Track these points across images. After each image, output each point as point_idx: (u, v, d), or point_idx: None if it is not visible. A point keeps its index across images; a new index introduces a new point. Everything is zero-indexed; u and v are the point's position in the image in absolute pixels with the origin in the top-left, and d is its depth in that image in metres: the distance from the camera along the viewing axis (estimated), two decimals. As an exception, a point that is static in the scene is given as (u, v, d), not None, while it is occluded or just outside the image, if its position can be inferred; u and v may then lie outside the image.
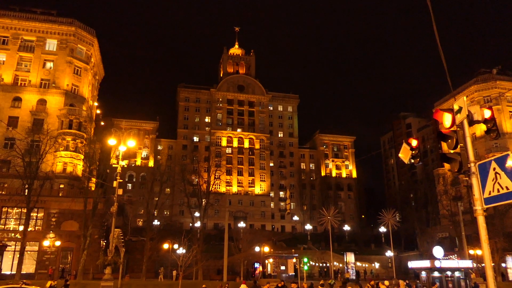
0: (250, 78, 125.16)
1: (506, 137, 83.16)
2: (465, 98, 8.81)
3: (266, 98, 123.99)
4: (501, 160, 8.01)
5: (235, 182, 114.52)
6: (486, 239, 8.12)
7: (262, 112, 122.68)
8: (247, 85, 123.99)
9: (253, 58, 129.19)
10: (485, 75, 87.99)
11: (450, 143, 8.89)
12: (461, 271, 41.93)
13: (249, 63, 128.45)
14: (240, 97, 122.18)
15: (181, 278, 38.33)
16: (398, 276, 59.50)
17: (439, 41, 9.97)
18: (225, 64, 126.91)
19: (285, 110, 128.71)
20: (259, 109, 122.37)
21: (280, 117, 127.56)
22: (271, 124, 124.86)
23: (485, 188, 8.19)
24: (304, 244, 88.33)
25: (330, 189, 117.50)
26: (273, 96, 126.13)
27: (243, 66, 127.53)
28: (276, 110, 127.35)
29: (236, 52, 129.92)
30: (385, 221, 68.59)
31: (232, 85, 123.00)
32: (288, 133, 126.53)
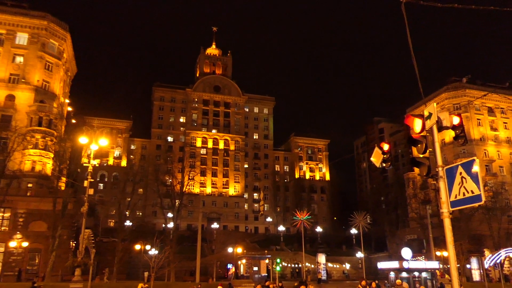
0: (226, 79, 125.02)
1: (473, 143, 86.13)
2: (435, 105, 9.14)
3: (242, 100, 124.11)
4: (467, 165, 8.37)
5: (209, 183, 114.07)
6: (451, 240, 8.45)
7: (238, 113, 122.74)
8: (223, 86, 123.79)
9: (230, 59, 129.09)
10: (456, 83, 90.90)
11: (419, 148, 9.21)
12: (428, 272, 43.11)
13: (226, 63, 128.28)
14: (216, 98, 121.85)
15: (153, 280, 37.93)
16: (367, 276, 60.59)
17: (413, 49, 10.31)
18: (201, 64, 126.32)
19: (261, 112, 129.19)
20: (235, 110, 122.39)
21: (255, 118, 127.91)
22: (247, 125, 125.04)
23: (452, 192, 8.54)
24: (277, 245, 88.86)
25: (304, 191, 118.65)
26: (249, 97, 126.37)
27: (219, 66, 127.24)
28: (252, 112, 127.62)
29: (213, 52, 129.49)
30: (357, 223, 69.86)
31: (208, 85, 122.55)
32: (264, 135, 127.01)
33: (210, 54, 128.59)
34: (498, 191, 72.99)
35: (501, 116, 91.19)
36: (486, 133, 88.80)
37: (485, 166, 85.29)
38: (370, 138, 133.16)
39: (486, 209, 65.37)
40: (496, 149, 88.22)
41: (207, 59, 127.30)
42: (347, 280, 68.16)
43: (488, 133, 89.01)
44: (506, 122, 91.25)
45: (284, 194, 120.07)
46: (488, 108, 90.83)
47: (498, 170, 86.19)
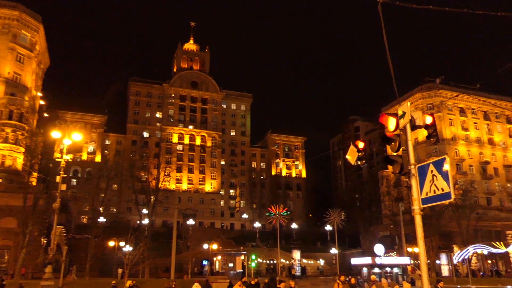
0: (204, 74, 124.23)
1: (445, 143, 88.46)
2: (409, 104, 9.36)
3: (219, 96, 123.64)
4: (438, 163, 8.63)
5: (185, 179, 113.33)
6: (422, 236, 8.70)
7: (215, 109, 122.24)
8: (200, 82, 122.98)
9: (208, 54, 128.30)
10: (429, 84, 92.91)
11: (393, 146, 9.42)
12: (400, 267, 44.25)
13: (203, 59, 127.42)
14: (193, 94, 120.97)
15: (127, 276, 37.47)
16: (341, 272, 61.55)
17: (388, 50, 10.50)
18: (179, 59, 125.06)
19: (239, 108, 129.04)
20: (212, 107, 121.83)
21: (233, 115, 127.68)
22: (224, 122, 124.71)
23: (423, 189, 8.79)
24: (253, 242, 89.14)
25: (280, 188, 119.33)
26: (227, 94, 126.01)
27: (197, 62, 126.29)
28: (229, 108, 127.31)
29: (190, 47, 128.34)
30: (331, 220, 70.84)
31: (186, 81, 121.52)
32: (241, 132, 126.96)
33: (187, 49, 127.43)
34: (467, 189, 75.22)
35: (472, 117, 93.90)
36: (457, 133, 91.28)
37: (456, 165, 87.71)
38: (346, 136, 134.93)
39: (456, 206, 67.31)
40: (467, 148, 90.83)
41: (185, 54, 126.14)
42: (321, 276, 68.98)
43: (459, 133, 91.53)
44: (476, 122, 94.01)
45: (261, 191, 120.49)
46: (460, 109, 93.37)
47: (468, 169, 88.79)
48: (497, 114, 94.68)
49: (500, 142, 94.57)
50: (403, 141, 9.26)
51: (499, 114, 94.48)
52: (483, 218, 75.55)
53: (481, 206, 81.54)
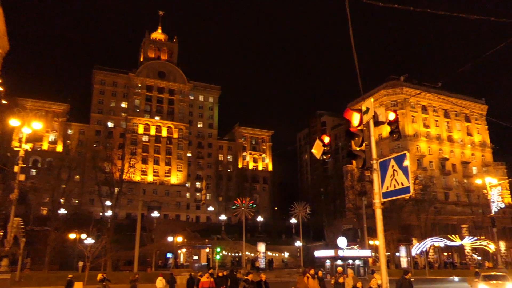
0: (171, 65, 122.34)
1: (407, 139, 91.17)
2: (373, 100, 9.55)
3: (187, 87, 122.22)
4: (399, 159, 8.87)
5: (150, 171, 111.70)
6: (381, 229, 8.93)
7: (182, 101, 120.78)
8: (168, 72, 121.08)
9: (176, 45, 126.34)
10: (394, 81, 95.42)
11: (357, 141, 9.60)
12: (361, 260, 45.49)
13: (171, 49, 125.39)
14: (160, 84, 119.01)
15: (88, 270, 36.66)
16: (305, 264, 62.63)
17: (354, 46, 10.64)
18: (146, 48, 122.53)
19: (206, 100, 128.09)
20: (179, 98, 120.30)
21: (200, 107, 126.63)
22: (191, 113, 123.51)
23: (384, 184, 9.02)
24: (218, 235, 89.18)
25: (246, 181, 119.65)
26: (195, 85, 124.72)
27: (165, 52, 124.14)
28: (197, 100, 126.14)
29: (158, 37, 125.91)
30: (296, 213, 71.82)
31: (153, 71, 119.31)
32: (208, 124, 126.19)
33: (155, 39, 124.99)
34: (427, 184, 78.07)
35: (433, 114, 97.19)
36: (419, 130, 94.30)
37: (417, 161, 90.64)
38: (312, 130, 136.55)
39: (416, 201, 69.72)
40: (427, 145, 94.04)
41: (152, 43, 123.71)
42: (286, 268, 69.89)
43: (421, 129, 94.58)
44: (437, 120, 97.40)
45: (227, 184, 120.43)
46: (422, 106, 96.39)
47: (428, 164, 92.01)
48: (456, 113, 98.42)
49: (459, 139, 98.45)
50: (366, 136, 9.45)
51: (459, 112, 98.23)
52: (441, 212, 78.71)
53: (439, 201, 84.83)
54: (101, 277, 30.53)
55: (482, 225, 70.37)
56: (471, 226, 75.37)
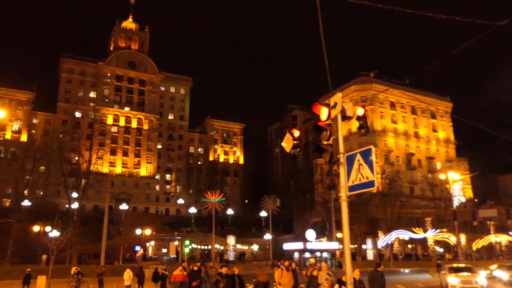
0: (142, 55, 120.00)
1: (376, 134, 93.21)
2: (341, 95, 9.71)
3: (158, 78, 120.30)
4: (365, 153, 9.08)
5: (119, 162, 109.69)
6: (347, 222, 9.13)
7: (153, 92, 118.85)
8: (139, 62, 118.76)
9: (147, 34, 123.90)
10: (364, 77, 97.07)
11: (324, 135, 9.75)
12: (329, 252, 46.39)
13: (143, 39, 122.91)
14: (131, 74, 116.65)
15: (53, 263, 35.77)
16: (274, 257, 63.31)
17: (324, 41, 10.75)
18: (116, 37, 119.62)
19: (178, 92, 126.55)
20: (150, 89, 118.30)
21: (171, 98, 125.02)
22: (162, 105, 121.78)
23: (350, 177, 9.21)
24: (188, 227, 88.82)
25: (217, 174, 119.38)
26: (166, 76, 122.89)
27: (136, 41, 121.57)
28: (168, 91, 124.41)
29: (129, 26, 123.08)
30: (266, 206, 72.36)
31: (123, 60, 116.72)
32: (179, 116, 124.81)
33: (126, 28, 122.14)
34: (393, 178, 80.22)
35: (401, 111, 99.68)
36: (387, 125, 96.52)
37: (385, 155, 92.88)
38: (284, 124, 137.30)
39: (383, 195, 71.62)
40: (395, 140, 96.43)
41: (123, 32, 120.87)
42: (255, 261, 70.44)
43: (389, 125, 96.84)
44: (404, 116, 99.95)
45: (198, 176, 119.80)
46: (391, 103, 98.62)
47: (395, 159, 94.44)
48: (423, 109, 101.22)
49: (424, 135, 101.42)
50: (334, 130, 9.61)
51: (425, 109, 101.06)
52: (406, 206, 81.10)
53: (404, 195, 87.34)
54: (75, 271, 29.87)
55: (445, 218, 72.96)
56: (434, 219, 78.05)
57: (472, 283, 24.64)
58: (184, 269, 22.04)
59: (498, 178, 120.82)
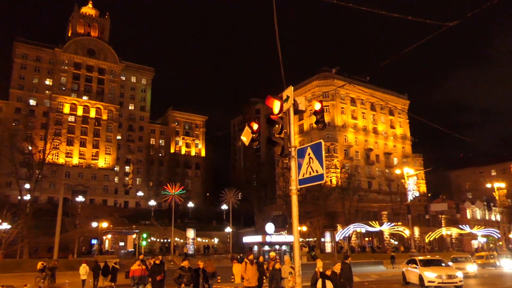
0: (102, 43, 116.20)
1: (336, 129, 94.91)
2: (292, 88, 9.67)
3: (119, 67, 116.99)
4: (315, 147, 9.11)
5: (76, 153, 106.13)
6: (296, 215, 9.15)
7: (113, 81, 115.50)
8: (98, 50, 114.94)
9: (108, 21, 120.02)
10: (326, 73, 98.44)
11: (277, 128, 9.71)
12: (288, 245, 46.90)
13: (103, 26, 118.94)
14: (90, 62, 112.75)
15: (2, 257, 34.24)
16: (234, 250, 63.45)
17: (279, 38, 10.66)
18: (75, 23, 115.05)
19: (139, 82, 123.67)
20: (110, 78, 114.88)
21: (132, 88, 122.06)
22: (122, 95, 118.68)
23: (301, 171, 9.22)
24: (147, 220, 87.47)
25: (178, 166, 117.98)
26: (127, 65, 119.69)
27: (96, 28, 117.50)
28: (129, 81, 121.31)
29: (89, 12, 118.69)
30: (227, 199, 72.28)
31: (82, 47, 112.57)
32: (140, 106, 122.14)
33: (85, 14, 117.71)
34: (352, 173, 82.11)
35: (361, 107, 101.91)
36: (347, 121, 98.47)
37: (344, 150, 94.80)
38: (246, 118, 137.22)
39: (342, 189, 73.16)
40: (355, 136, 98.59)
41: (82, 18, 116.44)
42: (215, 254, 70.34)
43: (349, 121, 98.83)
44: (364, 112, 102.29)
45: (158, 169, 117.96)
46: (351, 99, 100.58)
47: (354, 154, 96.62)
48: (382, 106, 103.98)
49: (383, 131, 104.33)
50: (286, 124, 9.58)
51: (384, 106, 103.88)
52: (364, 199, 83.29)
53: (363, 189, 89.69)
54: (41, 266, 28.47)
55: (400, 212, 75.48)
56: (390, 213, 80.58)
57: (454, 277, 21.43)
58: (143, 263, 20.93)
59: (450, 173, 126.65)
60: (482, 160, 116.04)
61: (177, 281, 13.84)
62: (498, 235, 77.12)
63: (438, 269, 22.25)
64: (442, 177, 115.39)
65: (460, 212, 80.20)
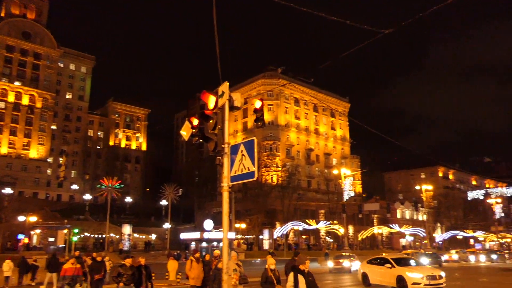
0: (39, 26, 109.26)
1: (279, 128, 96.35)
2: (228, 84, 9.64)
3: (56, 53, 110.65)
4: (248, 144, 9.14)
5: (5, 142, 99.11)
6: (227, 212, 9.14)
7: (49, 67, 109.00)
8: (34, 34, 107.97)
9: (47, 4, 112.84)
10: (272, 72, 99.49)
11: (211, 124, 9.62)
12: (227, 242, 46.94)
13: (41, 8, 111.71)
14: (24, 46, 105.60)
15: None
16: (172, 247, 62.54)
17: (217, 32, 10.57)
18: (8, 3, 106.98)
19: (78, 70, 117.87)
20: (46, 64, 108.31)
21: (71, 76, 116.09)
22: (59, 82, 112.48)
23: (233, 168, 9.22)
24: (82, 215, 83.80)
25: (117, 160, 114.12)
26: (66, 52, 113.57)
27: (33, 10, 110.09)
28: (67, 69, 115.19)
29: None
30: (167, 195, 71.04)
31: (15, 29, 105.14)
32: (78, 96, 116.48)
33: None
34: (293, 172, 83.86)
35: (304, 107, 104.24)
36: (290, 121, 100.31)
37: (286, 149, 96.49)
38: (190, 113, 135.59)
39: (282, 187, 74.50)
40: (297, 135, 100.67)
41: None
42: (152, 251, 68.90)
43: (292, 120, 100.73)
44: (307, 113, 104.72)
45: (95, 161, 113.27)
46: (295, 99, 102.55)
47: (295, 154, 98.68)
48: (324, 107, 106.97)
49: (324, 132, 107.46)
50: (220, 119, 9.52)
51: (326, 107, 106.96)
52: (303, 198, 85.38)
53: (302, 188, 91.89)
54: None
55: (336, 211, 78.17)
56: (327, 211, 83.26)
57: (440, 278, 19.17)
58: (78, 261, 18.85)
59: (385, 175, 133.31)
60: (413, 163, 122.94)
61: (115, 279, 12.96)
62: (424, 233, 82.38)
63: (421, 269, 19.97)
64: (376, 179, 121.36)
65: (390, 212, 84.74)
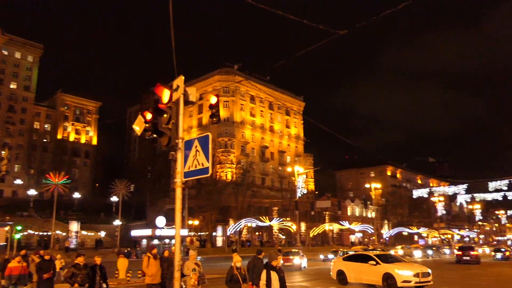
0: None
1: (234, 125, 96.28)
2: (183, 78, 9.45)
3: (1, 40, 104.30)
4: (202, 140, 9.02)
5: None
6: (180, 208, 8.97)
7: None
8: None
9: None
10: (228, 68, 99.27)
11: (164, 118, 9.39)
12: (179, 239, 46.42)
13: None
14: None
15: None
16: (122, 244, 60.92)
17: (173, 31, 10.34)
18: None
19: (24, 58, 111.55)
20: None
21: (16, 65, 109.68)
22: (3, 71, 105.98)
23: (187, 163, 9.05)
24: (26, 211, 79.79)
25: (65, 154, 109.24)
26: (11, 39, 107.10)
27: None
28: (12, 57, 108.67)
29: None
30: (117, 191, 69.11)
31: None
32: (24, 86, 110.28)
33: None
34: (247, 169, 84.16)
35: (260, 105, 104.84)
36: (246, 118, 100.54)
37: (241, 146, 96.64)
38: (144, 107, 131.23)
39: (236, 184, 74.61)
40: (252, 132, 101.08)
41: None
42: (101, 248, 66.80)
43: (247, 118, 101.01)
44: (262, 110, 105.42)
45: (42, 155, 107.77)
46: (251, 96, 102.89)
47: (250, 151, 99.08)
48: (279, 106, 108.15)
49: (279, 130, 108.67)
50: (174, 114, 9.32)
51: (281, 106, 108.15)
52: (257, 195, 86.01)
53: (256, 185, 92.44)
54: None
55: (289, 208, 79.40)
56: (280, 208, 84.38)
57: (429, 275, 18.33)
58: (24, 260, 18.24)
59: (336, 173, 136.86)
60: (364, 162, 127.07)
61: (69, 280, 12.14)
62: (372, 230, 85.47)
63: (410, 266, 19.14)
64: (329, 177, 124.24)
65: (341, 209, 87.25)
